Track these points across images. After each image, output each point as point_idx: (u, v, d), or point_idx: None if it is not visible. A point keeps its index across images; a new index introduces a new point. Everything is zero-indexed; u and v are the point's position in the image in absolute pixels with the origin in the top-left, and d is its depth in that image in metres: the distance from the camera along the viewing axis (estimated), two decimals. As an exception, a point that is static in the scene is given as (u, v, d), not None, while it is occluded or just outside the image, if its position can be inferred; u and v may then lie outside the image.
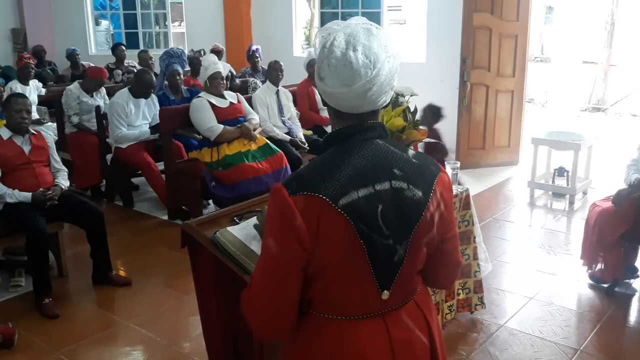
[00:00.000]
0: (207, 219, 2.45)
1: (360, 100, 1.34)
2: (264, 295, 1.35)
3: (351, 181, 1.31)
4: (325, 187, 1.29)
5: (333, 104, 1.39)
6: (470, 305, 3.47)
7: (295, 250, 1.30)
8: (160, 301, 3.87)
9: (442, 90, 7.13)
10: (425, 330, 1.49)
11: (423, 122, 4.04)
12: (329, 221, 1.29)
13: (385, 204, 1.33)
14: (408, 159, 1.40)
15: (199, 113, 4.95)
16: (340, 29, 1.36)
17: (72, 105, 5.76)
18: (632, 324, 3.63)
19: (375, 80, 1.32)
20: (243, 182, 4.75)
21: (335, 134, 1.40)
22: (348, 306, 1.39)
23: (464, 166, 6.26)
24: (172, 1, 10.75)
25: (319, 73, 1.37)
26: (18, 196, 3.75)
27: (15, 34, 10.07)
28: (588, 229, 3.93)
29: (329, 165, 1.34)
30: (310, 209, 1.28)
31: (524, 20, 6.68)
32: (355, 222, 1.29)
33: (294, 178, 1.35)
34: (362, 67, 1.31)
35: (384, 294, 1.38)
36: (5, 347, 3.26)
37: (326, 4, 9.12)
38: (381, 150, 1.37)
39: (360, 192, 1.31)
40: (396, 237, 1.35)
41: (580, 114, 11.45)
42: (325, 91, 1.37)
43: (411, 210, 1.36)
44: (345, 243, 1.31)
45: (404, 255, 1.37)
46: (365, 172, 1.33)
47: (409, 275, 1.42)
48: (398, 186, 1.35)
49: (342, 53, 1.32)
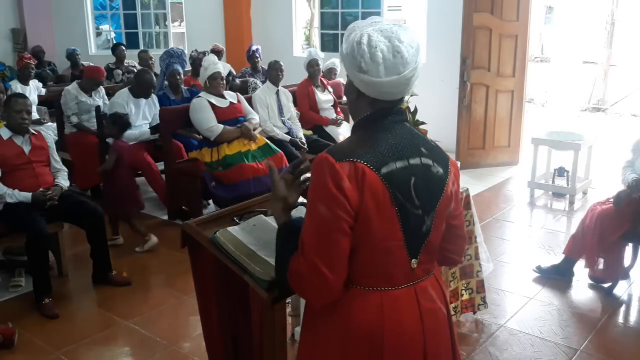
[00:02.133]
0: (207, 219, 2.44)
1: (405, 86, 1.50)
2: (317, 250, 1.43)
3: (390, 153, 1.47)
4: (368, 157, 1.44)
5: (374, 93, 1.50)
6: (473, 305, 3.47)
7: (345, 209, 1.41)
8: (160, 301, 3.87)
9: (442, 90, 7.15)
10: (443, 301, 1.64)
11: (108, 134, 4.03)
12: (373, 186, 1.42)
13: (417, 177, 1.49)
14: (428, 141, 1.58)
15: (199, 113, 4.95)
16: (367, 25, 1.50)
17: (70, 106, 5.76)
18: (632, 324, 3.63)
19: (418, 67, 1.51)
20: (243, 182, 4.75)
21: (369, 117, 1.54)
22: (385, 276, 1.51)
23: (464, 166, 6.28)
24: (172, 1, 10.75)
25: (359, 66, 1.47)
26: (18, 196, 3.75)
27: (15, 34, 10.07)
28: (585, 228, 3.93)
29: (368, 140, 1.49)
30: (357, 174, 1.42)
31: (524, 20, 6.68)
32: (393, 190, 1.44)
33: (336, 149, 1.49)
34: (411, 56, 1.48)
35: (412, 263, 1.52)
36: (5, 347, 3.26)
37: (326, 4, 9.12)
38: (409, 131, 1.55)
39: (398, 164, 1.46)
40: (425, 209, 1.50)
41: (580, 114, 11.45)
42: (369, 81, 1.47)
43: (436, 185, 1.53)
44: (384, 209, 1.44)
45: (430, 226, 1.52)
46: (400, 147, 1.49)
47: (433, 247, 1.57)
48: (426, 162, 1.52)
49: (387, 46, 1.46)
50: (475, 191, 5.58)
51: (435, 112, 6.02)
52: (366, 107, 1.54)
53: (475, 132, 6.74)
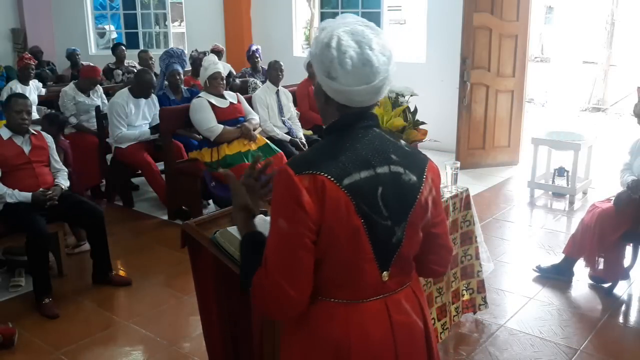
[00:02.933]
0: (207, 219, 2.44)
1: (376, 95, 1.44)
2: (280, 268, 1.38)
3: (354, 163, 1.39)
4: (329, 168, 1.37)
5: (343, 99, 1.43)
6: (474, 305, 3.47)
7: (305, 224, 1.36)
8: (160, 301, 3.87)
9: (442, 90, 7.15)
10: (420, 315, 1.56)
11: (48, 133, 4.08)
12: (334, 199, 1.36)
13: (385, 186, 1.41)
14: (401, 146, 1.50)
15: (199, 113, 4.95)
16: (338, 26, 1.41)
17: (68, 107, 5.75)
18: (632, 324, 3.63)
19: (390, 75, 1.43)
20: (243, 182, 4.74)
21: (338, 123, 1.47)
22: (352, 288, 1.45)
23: (464, 166, 6.27)
24: (172, 1, 10.76)
25: (329, 72, 1.40)
26: (18, 196, 3.75)
27: (15, 34, 10.08)
28: (585, 228, 3.93)
29: (332, 149, 1.42)
30: (316, 187, 1.35)
31: (524, 20, 6.68)
32: (357, 201, 1.37)
33: (298, 159, 1.43)
34: (382, 65, 1.40)
35: (384, 275, 1.45)
36: (5, 347, 3.26)
37: (326, 4, 9.12)
38: (379, 137, 1.47)
39: (362, 174, 1.39)
40: (395, 219, 1.43)
41: (580, 114, 11.45)
42: (337, 89, 1.41)
43: (408, 194, 1.45)
44: (348, 222, 1.38)
45: (401, 237, 1.45)
46: (366, 156, 1.42)
47: (406, 258, 1.50)
48: (396, 170, 1.44)
49: (358, 53, 1.38)
50: (475, 191, 5.57)
51: (435, 112, 6.03)
52: (335, 112, 1.47)
53: (475, 132, 6.73)
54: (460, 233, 3.31)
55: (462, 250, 3.35)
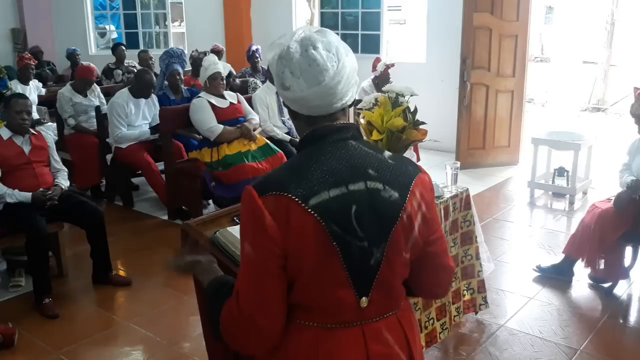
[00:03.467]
0: (207, 219, 2.44)
1: (331, 97, 1.35)
2: (250, 298, 1.31)
3: (322, 181, 1.30)
4: (294, 187, 1.28)
5: (305, 109, 1.38)
6: (475, 305, 3.47)
7: (270, 250, 1.28)
8: (160, 301, 3.87)
9: (442, 90, 7.15)
10: (405, 347, 1.44)
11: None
12: (300, 221, 1.27)
13: (360, 205, 1.31)
14: (383, 160, 1.38)
15: (199, 113, 4.95)
16: (290, 38, 1.37)
17: (66, 109, 5.76)
18: (632, 324, 3.63)
19: (342, 72, 1.34)
20: (243, 182, 4.75)
21: (308, 136, 1.39)
22: (325, 312, 1.36)
23: (464, 166, 6.27)
24: (172, 1, 10.75)
25: (282, 83, 1.37)
26: (18, 196, 3.75)
27: (15, 34, 10.08)
28: (585, 228, 3.93)
29: (300, 165, 1.34)
30: (280, 209, 1.27)
31: (524, 20, 6.68)
32: (327, 222, 1.28)
33: (264, 179, 1.35)
34: (328, 61, 1.33)
35: (362, 301, 1.35)
36: (5, 347, 3.26)
37: (326, 4, 9.11)
38: (355, 151, 1.36)
39: (332, 192, 1.30)
40: (372, 240, 1.32)
41: (580, 114, 11.46)
42: (294, 98, 1.36)
43: (388, 212, 1.34)
44: (318, 244, 1.28)
45: (380, 259, 1.34)
46: (338, 172, 1.32)
47: (389, 283, 1.38)
48: (373, 187, 1.33)
49: (302, 54, 1.33)
50: (475, 191, 5.57)
51: (435, 112, 6.03)
52: (305, 126, 1.40)
53: (475, 132, 6.73)
54: (460, 233, 3.31)
55: (462, 250, 3.35)
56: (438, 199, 3.07)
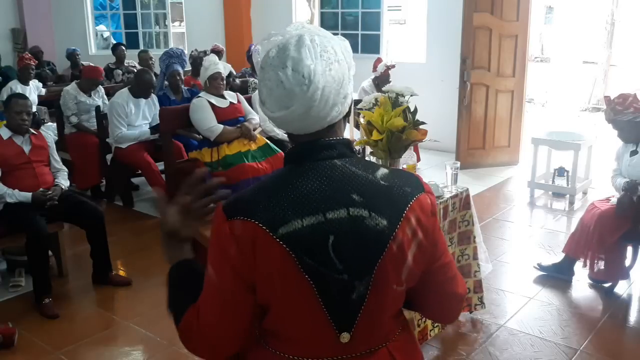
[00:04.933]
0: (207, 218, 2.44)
1: (303, 122, 1.19)
2: (210, 322, 1.22)
3: (295, 207, 1.15)
4: (263, 213, 1.15)
5: (283, 128, 1.24)
6: (470, 305, 3.47)
7: (233, 278, 1.18)
8: (160, 301, 3.82)
9: (442, 90, 7.15)
10: None
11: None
12: (267, 252, 1.14)
13: (339, 235, 1.16)
14: (373, 182, 1.21)
15: (199, 113, 4.95)
16: (277, 40, 1.23)
17: (70, 106, 5.77)
18: (632, 324, 3.63)
19: (315, 96, 1.15)
20: (243, 182, 4.74)
21: (290, 155, 1.26)
22: (300, 345, 1.24)
23: (464, 166, 6.27)
24: (172, 1, 10.76)
25: (260, 95, 1.25)
26: (18, 196, 3.75)
27: (15, 34, 10.08)
28: (584, 227, 3.93)
29: (274, 187, 1.19)
30: (246, 237, 1.15)
31: (524, 20, 6.68)
32: (298, 254, 1.14)
33: (234, 199, 1.21)
34: (295, 85, 1.15)
35: (342, 337, 1.21)
36: (5, 347, 3.26)
37: (326, 4, 9.11)
38: (338, 173, 1.20)
39: (306, 221, 1.15)
40: (353, 272, 1.17)
41: (580, 114, 11.45)
42: (269, 116, 1.23)
43: (373, 242, 1.18)
44: (288, 278, 1.15)
45: (364, 293, 1.19)
46: (315, 197, 1.16)
47: (376, 318, 1.24)
48: (357, 214, 1.17)
49: (274, 72, 1.18)
50: (475, 191, 5.57)
51: (435, 112, 6.02)
52: (291, 140, 1.27)
53: (475, 132, 6.74)
54: (457, 233, 3.32)
55: (459, 250, 3.35)
56: (438, 199, 3.07)
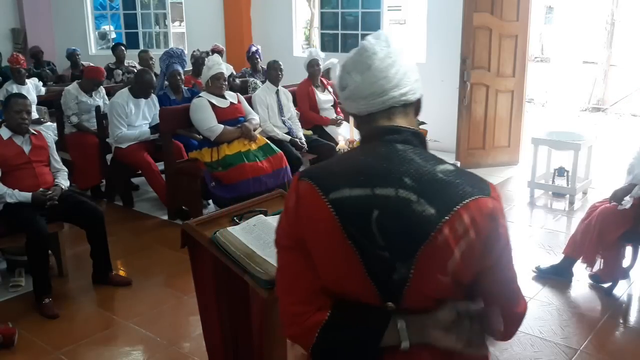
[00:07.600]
0: (207, 219, 2.45)
1: (384, 81, 1.30)
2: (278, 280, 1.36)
3: (348, 178, 1.25)
4: (322, 178, 1.28)
5: (362, 105, 1.33)
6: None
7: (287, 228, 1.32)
8: (160, 301, 3.87)
9: (442, 90, 7.14)
10: None
11: None
12: (319, 212, 1.24)
13: (384, 211, 1.20)
14: (430, 172, 1.23)
15: (199, 113, 4.95)
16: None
17: (70, 106, 5.77)
18: (632, 324, 3.63)
19: (393, 56, 1.32)
20: (243, 182, 4.75)
21: (364, 136, 1.38)
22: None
23: (464, 166, 6.26)
24: (172, 1, 10.75)
25: (340, 84, 1.37)
26: (18, 196, 3.75)
27: (15, 34, 10.08)
28: (584, 228, 3.92)
29: (340, 159, 1.41)
30: (306, 194, 1.27)
31: (524, 20, 6.68)
32: (343, 220, 1.22)
33: (312, 166, 1.44)
34: (376, 45, 1.32)
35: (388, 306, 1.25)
36: (5, 347, 3.26)
37: (326, 4, 9.11)
38: (397, 156, 1.26)
39: (355, 191, 1.23)
40: (395, 252, 1.20)
41: (580, 114, 11.45)
42: (350, 94, 1.34)
43: (417, 227, 1.19)
44: (334, 242, 1.23)
45: (407, 276, 1.20)
46: (368, 172, 1.24)
47: (420, 301, 1.24)
48: (405, 196, 1.20)
49: (355, 52, 1.36)
50: (475, 191, 5.56)
51: (435, 112, 6.02)
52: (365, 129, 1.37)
53: (475, 132, 6.73)
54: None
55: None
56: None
